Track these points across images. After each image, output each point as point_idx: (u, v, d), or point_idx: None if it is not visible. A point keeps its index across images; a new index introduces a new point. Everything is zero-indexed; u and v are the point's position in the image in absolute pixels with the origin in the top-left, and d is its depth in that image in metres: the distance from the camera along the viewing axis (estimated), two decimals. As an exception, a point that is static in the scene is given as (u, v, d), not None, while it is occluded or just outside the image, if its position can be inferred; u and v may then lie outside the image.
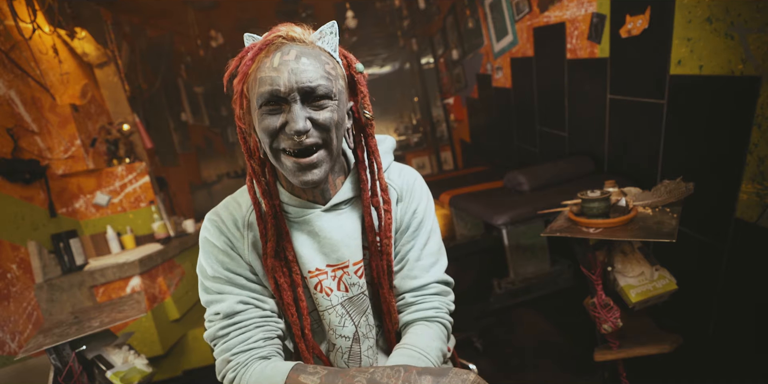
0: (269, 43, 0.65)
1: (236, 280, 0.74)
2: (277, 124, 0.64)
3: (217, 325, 0.72)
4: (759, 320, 1.52)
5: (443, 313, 0.81)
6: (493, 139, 3.95)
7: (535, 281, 2.32)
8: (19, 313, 1.83)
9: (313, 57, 0.64)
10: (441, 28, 4.54)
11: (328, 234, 0.75)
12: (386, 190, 0.76)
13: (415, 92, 7.20)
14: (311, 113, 0.64)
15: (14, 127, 2.03)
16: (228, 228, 0.75)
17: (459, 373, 0.60)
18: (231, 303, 0.72)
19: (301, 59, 0.63)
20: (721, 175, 1.59)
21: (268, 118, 0.64)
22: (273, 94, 0.62)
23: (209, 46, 4.20)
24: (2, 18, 2.10)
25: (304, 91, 0.63)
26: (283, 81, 0.62)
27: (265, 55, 0.64)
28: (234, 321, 0.72)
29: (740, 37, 1.41)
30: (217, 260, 0.74)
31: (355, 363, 0.80)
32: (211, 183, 4.98)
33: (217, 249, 0.74)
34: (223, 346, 0.71)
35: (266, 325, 0.74)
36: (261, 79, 0.63)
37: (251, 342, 0.71)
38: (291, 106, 0.63)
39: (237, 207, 0.77)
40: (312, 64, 0.63)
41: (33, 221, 2.05)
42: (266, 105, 0.64)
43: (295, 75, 0.62)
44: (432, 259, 0.82)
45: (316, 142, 0.65)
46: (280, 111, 0.64)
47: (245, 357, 0.70)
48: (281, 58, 0.63)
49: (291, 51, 0.64)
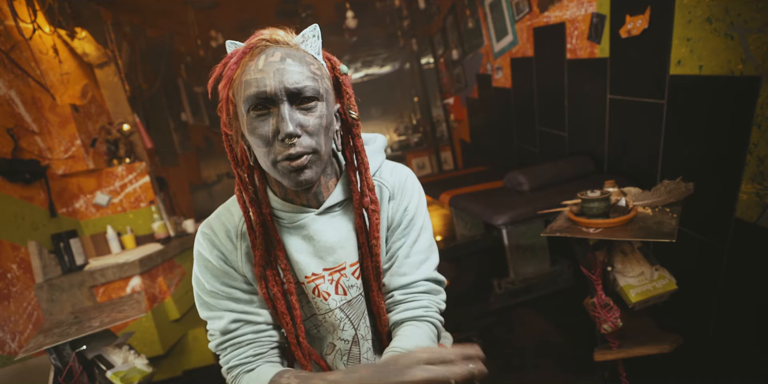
0: (253, 46, 0.64)
1: (232, 295, 0.75)
2: (269, 133, 0.63)
3: (217, 341, 0.76)
4: (759, 320, 1.52)
5: (433, 312, 0.79)
6: (493, 139, 3.95)
7: (535, 281, 2.32)
8: (19, 313, 1.83)
9: (298, 58, 0.64)
10: (441, 28, 4.54)
11: (324, 237, 0.75)
12: (374, 190, 0.75)
13: (415, 92, 7.21)
14: (300, 118, 0.63)
15: (14, 127, 2.04)
16: (221, 240, 0.75)
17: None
18: (225, 322, 0.74)
19: (287, 60, 0.63)
20: (721, 175, 1.59)
21: (259, 125, 0.63)
22: (260, 96, 0.62)
23: (209, 46, 4.21)
24: (2, 18, 2.10)
25: (291, 92, 0.62)
26: (269, 82, 0.61)
27: (249, 58, 0.64)
28: (228, 338, 0.75)
29: (740, 37, 1.41)
30: (212, 275, 0.75)
31: (354, 365, 0.80)
32: (211, 183, 4.98)
33: (211, 264, 0.74)
34: (223, 359, 0.76)
35: (258, 340, 0.76)
36: (247, 82, 0.62)
37: (242, 358, 0.74)
38: (279, 108, 0.62)
39: (229, 216, 0.76)
40: (297, 65, 0.63)
41: (33, 221, 2.05)
42: (254, 109, 0.63)
43: (281, 75, 0.61)
44: (422, 256, 0.81)
45: (305, 151, 0.64)
46: (269, 115, 0.63)
47: (236, 372, 0.74)
48: (266, 59, 0.63)
49: (275, 53, 0.63)
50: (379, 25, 5.16)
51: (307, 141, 0.64)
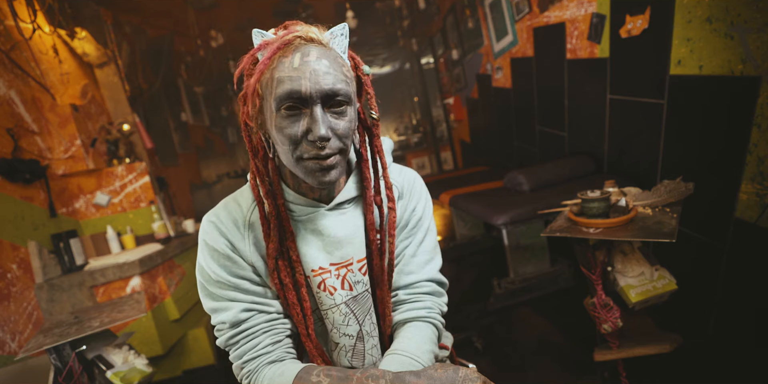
0: (288, 43, 0.63)
1: (240, 285, 0.73)
2: (299, 132, 0.62)
3: (226, 335, 0.73)
4: (759, 320, 1.53)
5: (435, 314, 0.81)
6: (493, 139, 3.95)
7: (535, 281, 2.32)
8: (19, 313, 1.83)
9: (332, 59, 0.63)
10: (441, 28, 4.54)
11: (333, 232, 0.75)
12: (392, 189, 0.77)
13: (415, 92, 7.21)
14: (331, 121, 0.63)
15: (14, 127, 2.03)
16: (228, 229, 0.73)
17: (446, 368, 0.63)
18: (235, 312, 0.72)
19: (322, 61, 0.62)
20: (720, 175, 1.59)
21: (289, 125, 0.62)
22: (293, 96, 0.61)
23: (209, 46, 4.21)
24: (2, 18, 2.10)
25: (326, 94, 0.61)
26: (304, 82, 0.60)
27: (282, 54, 0.62)
28: (241, 329, 0.72)
29: (740, 37, 1.41)
30: (219, 264, 0.72)
31: (359, 361, 0.80)
32: (211, 183, 4.98)
33: (218, 253, 0.72)
34: (235, 353, 0.73)
35: (273, 328, 0.74)
36: (280, 79, 0.61)
37: (260, 348, 0.72)
38: (312, 109, 0.62)
39: (236, 207, 0.76)
40: (332, 66, 0.62)
41: (33, 221, 2.05)
42: (286, 108, 0.62)
43: (316, 77, 0.60)
44: (427, 256, 0.83)
45: (334, 152, 0.64)
46: (300, 115, 0.62)
47: (255, 364, 0.72)
48: (302, 58, 0.61)
49: (311, 52, 0.62)
50: (379, 25, 5.16)
51: (336, 143, 0.64)
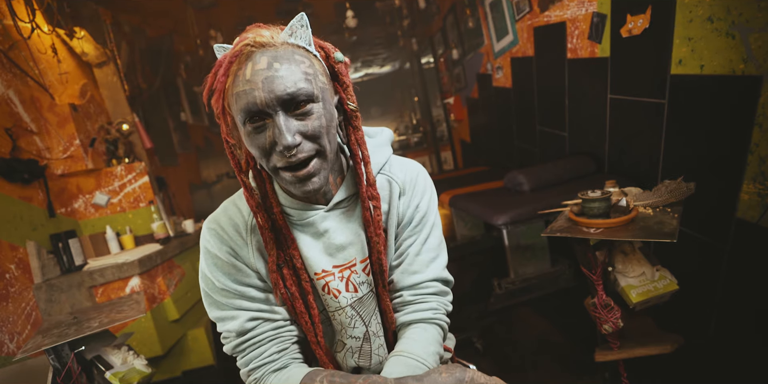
0: (239, 53, 0.60)
1: (246, 293, 0.72)
2: (266, 143, 0.61)
3: (233, 343, 0.73)
4: (760, 320, 1.52)
5: (441, 314, 0.79)
6: (493, 139, 3.94)
7: (535, 281, 2.32)
8: (17, 314, 1.82)
9: (286, 60, 0.60)
10: (441, 28, 4.54)
11: (333, 234, 0.73)
12: (374, 185, 0.73)
13: (415, 92, 7.20)
14: (298, 125, 0.61)
15: (13, 127, 2.03)
16: (229, 235, 0.72)
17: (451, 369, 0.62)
18: (242, 321, 0.71)
19: (273, 66, 0.59)
20: (722, 175, 1.59)
21: (255, 137, 0.61)
22: (252, 110, 0.59)
23: (209, 46, 4.20)
24: (1, 17, 2.10)
25: (283, 100, 0.59)
26: (258, 93, 0.58)
27: (237, 67, 0.60)
28: (247, 338, 0.72)
29: (741, 37, 1.41)
30: (223, 272, 0.71)
31: (366, 361, 0.80)
32: (211, 183, 4.98)
33: (221, 261, 0.71)
34: (242, 361, 0.73)
35: (279, 336, 0.74)
36: (237, 95, 0.60)
37: (266, 356, 0.72)
38: (274, 118, 0.60)
39: (237, 211, 0.74)
40: (287, 68, 0.60)
41: (32, 221, 2.04)
42: (249, 122, 0.61)
43: (270, 84, 0.58)
44: (432, 254, 0.80)
45: (309, 155, 0.62)
46: (265, 126, 0.61)
47: (261, 372, 0.72)
48: (253, 68, 0.59)
49: (261, 59, 0.60)
50: (379, 24, 5.16)
51: (309, 146, 0.62)
